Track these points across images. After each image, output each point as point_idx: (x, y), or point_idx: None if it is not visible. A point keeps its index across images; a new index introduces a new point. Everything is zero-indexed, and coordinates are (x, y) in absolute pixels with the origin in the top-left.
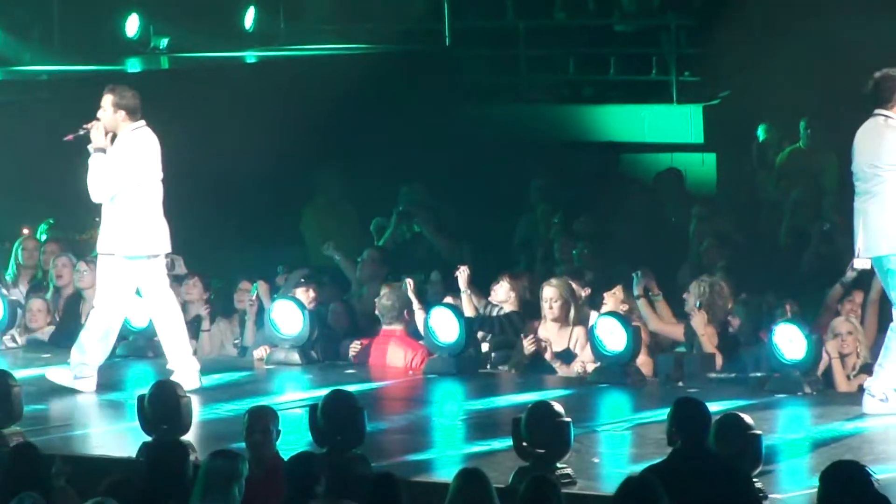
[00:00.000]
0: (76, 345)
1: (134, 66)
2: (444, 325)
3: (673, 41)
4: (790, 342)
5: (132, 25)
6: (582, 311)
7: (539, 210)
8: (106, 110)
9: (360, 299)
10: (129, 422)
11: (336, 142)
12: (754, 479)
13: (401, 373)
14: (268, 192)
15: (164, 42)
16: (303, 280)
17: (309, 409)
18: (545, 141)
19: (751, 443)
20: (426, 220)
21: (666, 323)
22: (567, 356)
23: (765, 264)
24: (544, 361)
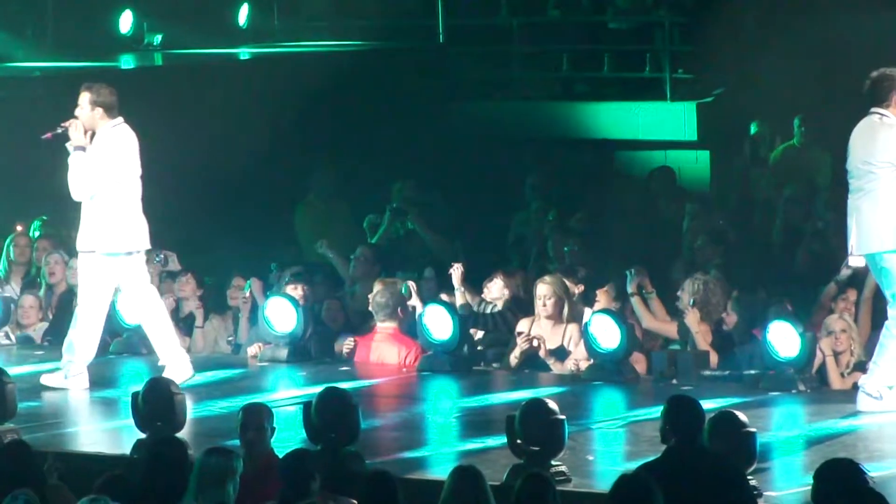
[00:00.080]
0: (65, 346)
1: (127, 63)
2: (437, 323)
3: (666, 38)
4: (784, 340)
5: (126, 22)
6: (576, 309)
7: (533, 207)
8: (83, 108)
9: (352, 297)
10: (123, 419)
11: (329, 139)
12: (749, 477)
13: (395, 370)
14: (261, 189)
15: (158, 39)
16: (289, 278)
17: (303, 406)
18: (539, 138)
19: (745, 440)
20: (419, 218)
21: (660, 320)
22: (561, 353)
23: (758, 262)
24: (538, 359)
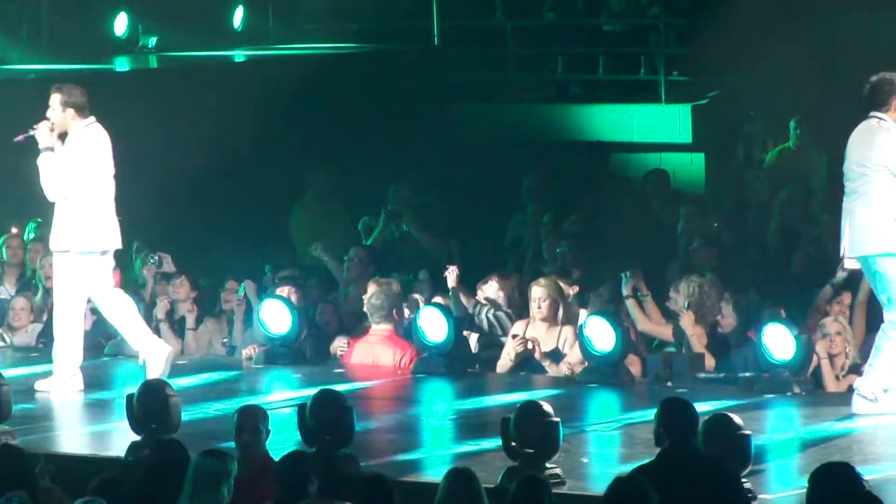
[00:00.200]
0: (54, 351)
1: (122, 65)
2: (433, 325)
3: (661, 41)
4: (779, 342)
5: (121, 24)
6: (570, 311)
7: (529, 210)
8: (55, 109)
9: (346, 298)
10: (118, 421)
11: (324, 141)
12: (743, 480)
13: (390, 372)
14: (256, 190)
15: (153, 41)
16: (278, 280)
17: (297, 408)
18: (533, 140)
19: (740, 443)
20: (414, 220)
21: (655, 323)
22: (556, 356)
23: (753, 264)
24: (533, 361)
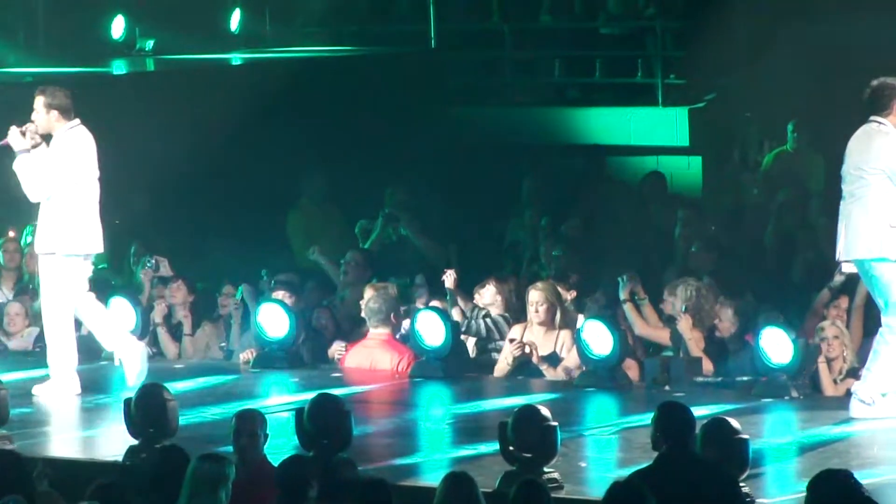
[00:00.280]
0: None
1: (119, 68)
2: (430, 329)
3: (658, 44)
4: (777, 346)
5: (118, 27)
6: (568, 315)
7: (526, 213)
8: (39, 112)
9: (342, 302)
10: (116, 425)
11: (321, 144)
12: (741, 484)
13: (387, 376)
14: (253, 193)
15: (150, 44)
16: (274, 284)
17: (295, 412)
18: (531, 143)
19: (737, 447)
20: (412, 223)
21: (652, 327)
22: (554, 360)
23: (750, 268)
24: (531, 365)
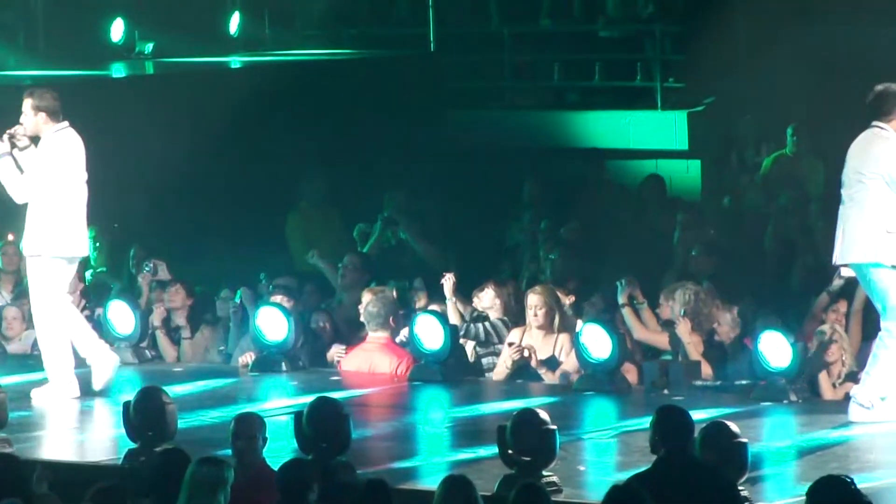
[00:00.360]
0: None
1: (119, 71)
2: (429, 332)
3: (657, 47)
4: (775, 350)
5: (117, 30)
6: (567, 319)
7: (525, 217)
8: (27, 114)
9: (339, 306)
10: (115, 428)
11: (320, 147)
12: (740, 487)
13: (386, 380)
14: (252, 196)
15: (149, 47)
16: (273, 288)
17: (294, 416)
18: (530, 147)
19: (736, 451)
20: (410, 227)
21: (651, 331)
22: (552, 363)
23: (749, 271)
24: (529, 369)
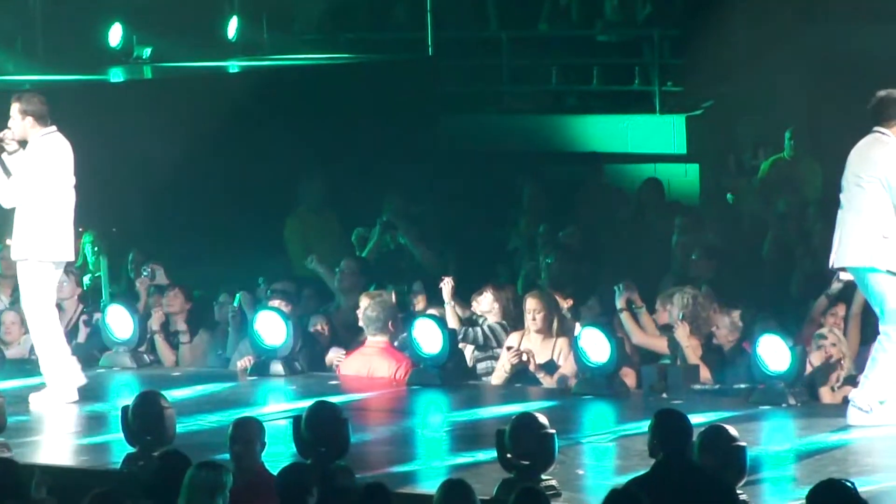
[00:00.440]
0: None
1: (117, 76)
2: (428, 337)
3: (655, 51)
4: (774, 353)
5: (115, 35)
6: (565, 323)
7: (523, 221)
8: (14, 118)
9: (337, 310)
10: (113, 433)
11: (319, 151)
12: (738, 491)
13: (385, 384)
14: (250, 201)
15: (147, 52)
16: (271, 293)
17: (293, 420)
18: (528, 151)
19: (735, 454)
20: (409, 231)
21: (649, 335)
22: (551, 367)
23: (748, 275)
24: (528, 373)
